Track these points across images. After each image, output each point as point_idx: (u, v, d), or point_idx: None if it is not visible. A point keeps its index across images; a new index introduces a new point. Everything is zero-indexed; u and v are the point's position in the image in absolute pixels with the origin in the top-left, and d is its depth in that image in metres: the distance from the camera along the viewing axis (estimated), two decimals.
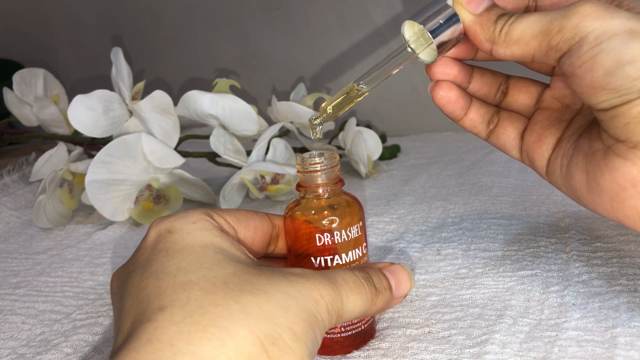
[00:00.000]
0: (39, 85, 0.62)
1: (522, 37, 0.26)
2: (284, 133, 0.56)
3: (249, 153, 0.52)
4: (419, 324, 0.31)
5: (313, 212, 0.29)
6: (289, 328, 0.22)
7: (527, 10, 0.29)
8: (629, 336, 0.27)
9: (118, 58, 0.52)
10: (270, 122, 0.56)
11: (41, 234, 0.52)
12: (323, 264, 0.29)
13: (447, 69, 0.30)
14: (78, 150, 0.55)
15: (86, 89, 0.51)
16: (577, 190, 0.28)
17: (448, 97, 0.30)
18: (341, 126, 0.61)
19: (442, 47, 0.28)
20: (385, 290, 0.27)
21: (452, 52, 0.30)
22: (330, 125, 0.55)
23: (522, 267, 0.36)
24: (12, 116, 0.62)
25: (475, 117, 0.31)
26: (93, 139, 0.55)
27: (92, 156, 0.51)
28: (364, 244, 0.30)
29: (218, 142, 0.51)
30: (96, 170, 0.47)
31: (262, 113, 0.55)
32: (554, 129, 0.30)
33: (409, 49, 0.28)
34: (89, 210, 0.55)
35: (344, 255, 0.29)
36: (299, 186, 0.30)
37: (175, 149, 0.52)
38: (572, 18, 0.24)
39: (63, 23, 0.93)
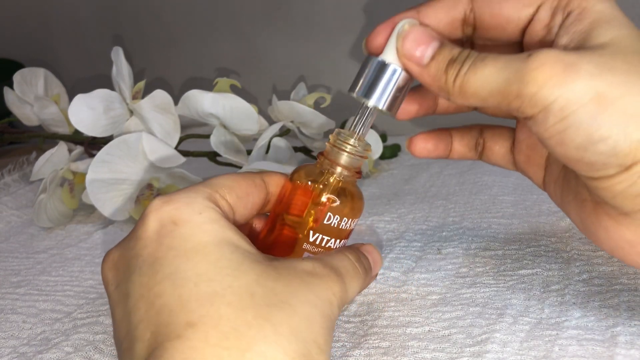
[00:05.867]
0: (39, 84, 0.62)
1: (478, 93, 0.23)
2: (284, 132, 0.56)
3: (249, 152, 0.52)
4: (419, 323, 0.31)
5: (322, 186, 0.29)
6: (314, 341, 0.22)
7: (464, 23, 0.27)
8: (630, 335, 0.27)
9: (118, 57, 0.52)
10: (271, 122, 0.56)
11: (42, 233, 0.52)
12: (312, 238, 0.29)
13: (424, 145, 0.31)
14: (79, 149, 0.55)
15: (87, 88, 0.51)
16: (577, 226, 0.27)
17: (427, 149, 0.31)
18: (341, 125, 0.61)
19: (394, 104, 0.28)
20: (369, 271, 0.28)
21: (415, 112, 0.30)
22: (331, 125, 0.55)
23: (522, 266, 0.35)
24: (12, 115, 0.62)
25: (461, 149, 0.31)
26: (94, 138, 0.55)
27: (92, 155, 0.51)
28: (345, 241, 0.31)
29: (219, 142, 0.51)
30: (97, 169, 0.47)
31: (262, 112, 0.55)
32: (539, 148, 0.29)
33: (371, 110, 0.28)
34: (90, 209, 0.55)
35: (331, 239, 0.29)
36: (320, 154, 0.30)
37: (176, 148, 0.52)
38: (529, 85, 0.21)
39: (63, 22, 0.93)
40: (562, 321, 0.29)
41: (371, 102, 0.27)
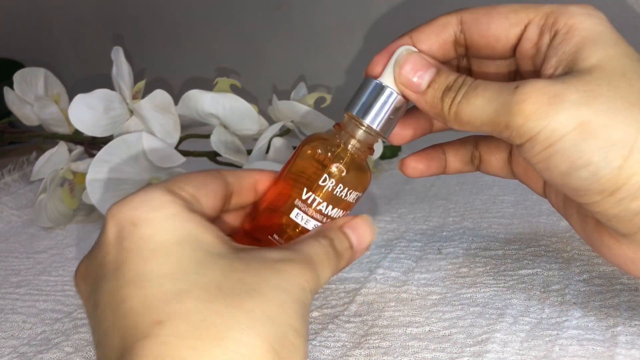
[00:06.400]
0: (39, 84, 0.62)
1: (472, 122, 0.24)
2: (284, 132, 0.56)
3: (249, 152, 0.52)
4: (419, 323, 0.31)
5: (330, 154, 0.29)
6: (290, 325, 0.22)
7: (456, 44, 0.28)
8: (630, 335, 0.27)
9: (119, 57, 0.52)
10: (271, 121, 0.56)
11: (42, 233, 0.52)
12: (309, 201, 0.29)
13: (415, 165, 0.31)
14: (79, 149, 0.55)
15: (87, 88, 0.51)
16: (581, 236, 0.27)
17: (419, 169, 0.31)
18: None
19: (388, 126, 0.28)
20: (346, 251, 0.28)
21: (410, 136, 0.30)
22: (331, 125, 0.55)
23: (522, 265, 0.35)
24: (12, 115, 0.62)
25: (456, 164, 0.31)
26: (94, 138, 0.55)
27: (92, 155, 0.51)
28: (339, 211, 0.30)
29: (219, 142, 0.51)
30: (97, 169, 0.47)
31: (262, 112, 0.55)
32: None
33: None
34: (90, 209, 0.55)
35: (329, 206, 0.29)
36: (337, 125, 0.30)
37: (176, 148, 0.52)
38: (516, 117, 0.22)
39: (64, 22, 0.93)
40: (563, 321, 0.29)
41: (366, 122, 0.28)
